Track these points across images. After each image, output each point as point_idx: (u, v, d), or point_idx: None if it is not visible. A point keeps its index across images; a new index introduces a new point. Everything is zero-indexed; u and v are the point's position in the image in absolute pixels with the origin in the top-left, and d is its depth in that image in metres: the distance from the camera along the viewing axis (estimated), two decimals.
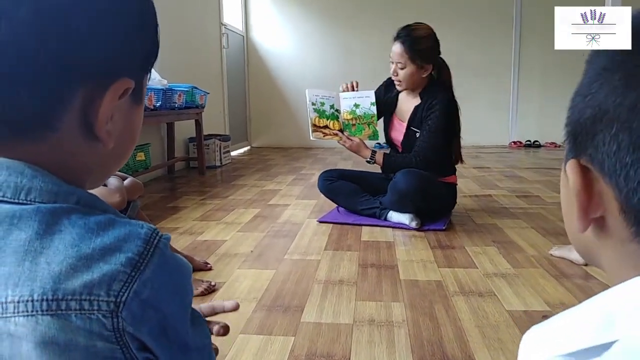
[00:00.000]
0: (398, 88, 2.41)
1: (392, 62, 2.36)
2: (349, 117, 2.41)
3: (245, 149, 6.21)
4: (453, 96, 2.39)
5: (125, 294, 0.38)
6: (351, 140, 2.39)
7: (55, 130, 0.40)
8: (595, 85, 0.32)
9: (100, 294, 0.37)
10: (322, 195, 2.62)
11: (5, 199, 0.39)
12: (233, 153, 5.27)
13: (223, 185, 3.55)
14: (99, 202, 0.43)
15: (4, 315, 0.36)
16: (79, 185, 0.43)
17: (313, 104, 2.40)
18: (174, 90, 3.44)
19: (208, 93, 4.13)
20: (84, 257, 0.38)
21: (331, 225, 2.36)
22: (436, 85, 2.39)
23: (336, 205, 2.58)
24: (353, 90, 2.41)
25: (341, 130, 2.42)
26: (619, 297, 0.30)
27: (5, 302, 0.36)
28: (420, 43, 2.31)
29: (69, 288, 0.37)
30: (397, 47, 2.33)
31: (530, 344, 0.33)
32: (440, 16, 5.87)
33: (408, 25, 2.37)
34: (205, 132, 4.18)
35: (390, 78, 2.54)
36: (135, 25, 0.44)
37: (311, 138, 2.43)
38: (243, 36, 6.27)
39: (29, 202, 0.39)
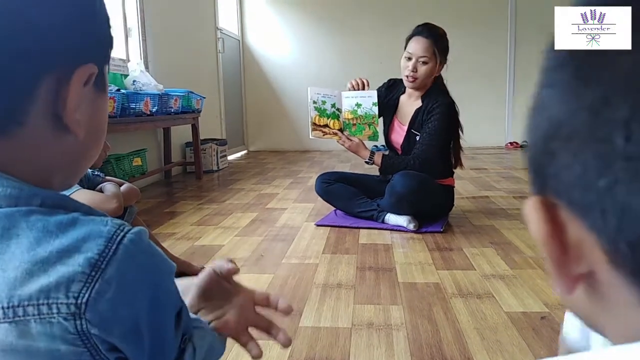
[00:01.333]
0: (411, 85, 2.39)
1: (410, 58, 2.35)
2: (349, 116, 2.41)
3: (242, 153, 6.20)
4: (453, 100, 2.40)
5: (86, 295, 0.37)
6: (350, 140, 2.39)
7: (22, 124, 0.39)
8: (545, 91, 0.24)
9: (59, 296, 0.36)
10: (320, 199, 2.62)
11: None
12: (230, 157, 5.26)
13: (220, 189, 3.54)
14: (69, 202, 0.41)
15: None
16: (47, 185, 0.42)
17: (314, 102, 2.39)
18: (170, 95, 3.44)
19: (204, 97, 4.13)
20: (40, 260, 0.37)
21: (329, 228, 2.36)
22: (437, 89, 2.41)
23: (334, 209, 2.58)
24: (363, 88, 2.41)
25: (341, 130, 2.42)
26: None
27: None
28: (443, 39, 2.37)
29: (25, 294, 0.36)
30: (422, 42, 2.33)
31: None
32: (436, 18, 5.87)
33: (427, 23, 2.41)
34: (201, 137, 4.17)
35: (392, 79, 2.53)
36: (89, 14, 0.44)
37: (310, 137, 2.43)
38: (239, 40, 6.27)
39: None
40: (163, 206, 2.96)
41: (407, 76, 2.37)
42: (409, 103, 2.47)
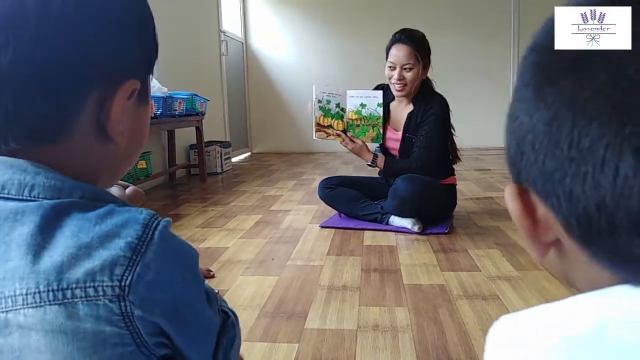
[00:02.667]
0: (400, 94, 2.39)
1: (394, 68, 2.35)
2: (354, 117, 2.40)
3: (246, 155, 6.21)
4: (444, 98, 2.40)
5: (129, 278, 0.39)
6: (354, 142, 2.38)
7: (70, 134, 0.42)
8: (516, 104, 0.31)
9: (104, 279, 0.38)
10: None
11: (10, 196, 0.40)
12: (234, 159, 5.27)
13: (224, 191, 3.55)
14: (106, 195, 0.44)
15: (14, 308, 0.38)
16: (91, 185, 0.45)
17: (319, 101, 2.38)
18: (174, 97, 3.45)
19: (208, 100, 4.14)
20: (84, 246, 0.39)
21: (333, 230, 2.36)
22: (427, 91, 2.41)
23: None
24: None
25: (344, 131, 2.42)
26: (607, 302, 0.27)
27: (14, 295, 0.38)
28: (423, 42, 2.36)
29: (73, 277, 0.38)
30: (403, 49, 2.33)
31: (509, 332, 0.30)
32: (439, 20, 5.90)
33: (404, 29, 2.39)
34: (205, 139, 4.18)
35: (381, 85, 2.53)
36: (138, 29, 0.46)
37: (314, 138, 2.42)
38: (242, 43, 6.28)
39: (32, 199, 0.40)
40: (168, 209, 2.96)
41: (394, 85, 2.37)
42: (400, 108, 2.46)
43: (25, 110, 0.40)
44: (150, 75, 0.49)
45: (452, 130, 2.44)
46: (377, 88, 2.54)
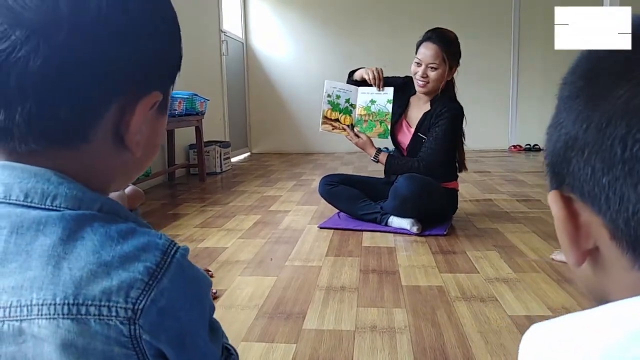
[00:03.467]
0: (422, 90, 2.39)
1: (420, 64, 2.35)
2: (362, 112, 2.42)
3: (245, 155, 6.21)
4: (461, 106, 2.40)
5: (143, 302, 0.39)
6: (358, 136, 2.39)
7: (89, 141, 0.43)
8: (563, 114, 0.32)
9: (119, 300, 0.39)
10: (323, 201, 2.62)
11: (33, 204, 0.41)
12: (233, 159, 5.27)
13: (223, 191, 3.55)
14: (121, 210, 0.45)
15: (29, 317, 0.38)
16: (103, 190, 0.46)
17: (329, 95, 2.41)
18: (174, 97, 3.45)
19: (208, 100, 4.14)
20: (104, 264, 0.39)
21: (332, 231, 2.36)
22: (447, 95, 2.41)
23: (337, 211, 2.58)
24: (379, 80, 2.41)
25: (351, 126, 2.43)
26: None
27: (31, 305, 0.38)
28: (453, 45, 2.36)
29: (89, 294, 0.38)
30: (431, 48, 2.33)
31: (537, 346, 0.31)
32: (439, 22, 5.88)
33: (436, 28, 2.39)
34: (205, 139, 4.18)
35: (409, 76, 2.50)
36: (167, 43, 0.47)
37: (320, 130, 2.44)
38: (242, 43, 6.29)
39: (54, 208, 0.41)
40: (166, 208, 2.96)
41: (417, 80, 2.38)
42: (418, 105, 2.47)
43: (48, 114, 0.40)
44: (172, 85, 0.50)
45: (463, 139, 2.45)
46: (405, 78, 2.53)
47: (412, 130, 2.45)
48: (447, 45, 2.33)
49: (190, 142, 4.35)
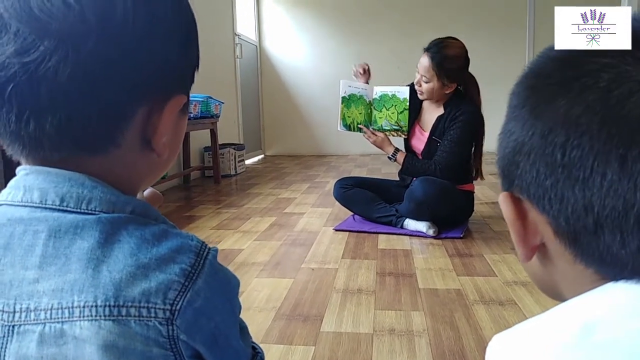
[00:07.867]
0: (419, 97, 2.41)
1: (418, 72, 2.36)
2: (379, 110, 2.44)
3: (259, 157, 6.24)
4: (479, 109, 2.37)
5: (180, 303, 0.40)
6: (375, 135, 2.39)
7: (118, 145, 0.43)
8: (512, 122, 0.35)
9: (157, 302, 0.40)
10: (337, 203, 2.62)
11: (69, 208, 0.41)
12: (247, 162, 5.29)
13: (238, 194, 3.56)
14: (152, 211, 0.45)
15: (71, 319, 0.39)
16: (132, 192, 0.47)
17: (345, 94, 2.42)
18: (189, 100, 3.47)
19: (223, 103, 4.17)
20: (142, 266, 0.40)
21: (347, 233, 2.35)
22: (461, 97, 2.39)
23: (352, 213, 2.58)
24: (364, 73, 2.47)
25: (368, 125, 2.44)
26: (593, 303, 0.31)
27: (72, 307, 0.39)
28: (449, 62, 2.27)
29: (129, 295, 0.39)
30: (425, 61, 2.30)
31: (502, 353, 0.33)
32: (453, 26, 5.87)
33: (441, 40, 2.32)
34: (220, 142, 4.21)
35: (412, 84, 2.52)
36: (186, 46, 0.47)
37: (338, 129, 2.46)
38: (256, 46, 6.31)
39: (90, 212, 0.42)
40: (182, 210, 2.99)
41: (417, 88, 2.40)
42: (432, 109, 2.45)
43: (78, 122, 0.41)
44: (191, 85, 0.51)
45: (482, 143, 2.40)
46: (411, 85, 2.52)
47: (426, 134, 2.44)
48: (441, 61, 2.26)
49: (205, 145, 4.37)
